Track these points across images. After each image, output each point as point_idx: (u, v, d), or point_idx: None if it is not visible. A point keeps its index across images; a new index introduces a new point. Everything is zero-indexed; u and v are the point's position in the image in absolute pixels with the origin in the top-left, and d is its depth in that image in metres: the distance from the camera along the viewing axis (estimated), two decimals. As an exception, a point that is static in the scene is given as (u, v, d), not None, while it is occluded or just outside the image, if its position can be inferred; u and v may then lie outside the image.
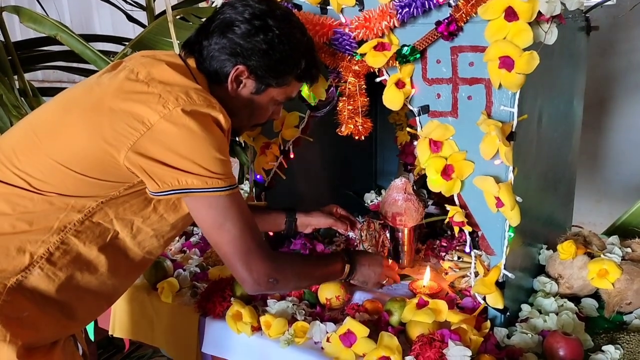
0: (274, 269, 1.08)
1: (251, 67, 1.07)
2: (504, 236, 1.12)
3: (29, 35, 2.23)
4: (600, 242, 1.38)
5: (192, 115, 0.96)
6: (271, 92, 1.13)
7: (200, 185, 0.98)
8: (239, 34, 1.05)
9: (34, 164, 1.01)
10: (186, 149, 0.97)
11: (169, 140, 0.96)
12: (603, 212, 2.57)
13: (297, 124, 1.37)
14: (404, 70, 1.15)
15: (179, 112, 0.95)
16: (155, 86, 0.99)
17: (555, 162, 1.40)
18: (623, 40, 2.47)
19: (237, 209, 1.03)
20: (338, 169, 1.83)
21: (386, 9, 1.12)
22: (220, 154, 0.99)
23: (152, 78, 1.00)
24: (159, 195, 1.01)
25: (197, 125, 0.96)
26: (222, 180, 1.00)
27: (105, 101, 0.99)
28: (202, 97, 0.99)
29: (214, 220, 1.03)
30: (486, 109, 1.09)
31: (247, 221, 1.05)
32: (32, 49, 2.19)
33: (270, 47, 1.06)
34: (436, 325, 1.14)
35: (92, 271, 1.07)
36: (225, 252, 1.06)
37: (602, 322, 1.23)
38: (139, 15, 2.49)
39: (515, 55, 1.01)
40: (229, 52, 1.06)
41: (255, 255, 1.06)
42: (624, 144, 2.59)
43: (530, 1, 0.98)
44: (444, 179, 1.13)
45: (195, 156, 0.97)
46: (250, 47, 1.05)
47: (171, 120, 0.95)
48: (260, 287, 1.09)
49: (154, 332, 1.44)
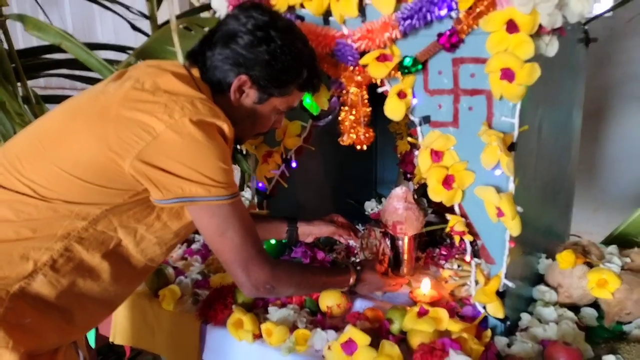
0: (271, 276, 1.11)
1: (254, 77, 1.09)
2: (504, 245, 1.13)
3: (31, 43, 2.24)
4: (599, 252, 1.39)
5: (198, 124, 0.97)
6: (273, 101, 1.15)
7: (204, 194, 1.00)
8: (242, 45, 1.07)
9: (38, 171, 1.02)
10: (191, 158, 0.98)
11: (174, 150, 0.97)
12: (600, 221, 2.58)
13: (299, 133, 1.39)
14: (405, 81, 1.17)
15: (184, 121, 0.97)
16: (160, 95, 1.00)
17: (555, 173, 1.42)
18: (619, 52, 2.50)
19: (239, 217, 1.05)
20: (338, 177, 1.84)
21: (388, 21, 1.13)
22: (223, 163, 1.01)
23: (158, 87, 1.02)
24: (163, 203, 1.02)
25: (202, 135, 0.97)
26: (225, 189, 1.01)
27: (111, 110, 1.00)
28: (207, 107, 1.01)
29: (216, 228, 1.05)
30: (487, 120, 1.11)
31: (248, 229, 1.07)
32: (36, 57, 2.20)
33: (272, 58, 1.08)
34: (437, 334, 1.14)
35: (95, 278, 1.08)
36: (226, 259, 1.08)
37: (602, 331, 1.24)
38: (141, 24, 2.50)
39: (517, 67, 1.02)
40: (232, 62, 1.08)
41: (255, 262, 1.08)
42: (620, 154, 2.62)
43: (532, 14, 1.00)
44: (445, 189, 1.15)
45: (199, 165, 0.99)
46: (253, 57, 1.07)
47: (177, 130, 0.97)
48: (258, 292, 1.12)
49: (155, 340, 1.44)
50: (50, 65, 2.24)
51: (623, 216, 1.66)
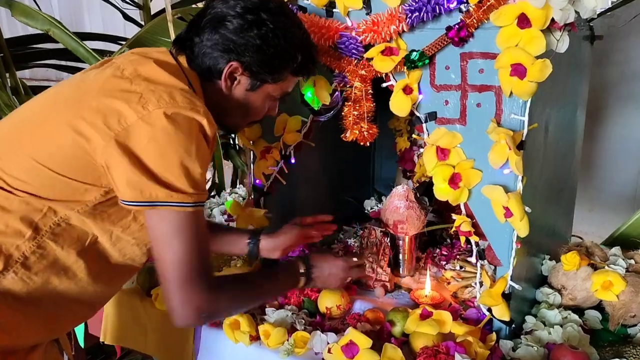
0: (209, 303, 0.96)
1: (245, 64, 1.02)
2: (511, 247, 1.10)
3: (17, 32, 2.17)
4: (603, 253, 1.37)
5: (173, 119, 0.90)
6: (267, 88, 1.08)
7: (165, 198, 0.90)
8: (232, 29, 1.00)
9: (13, 162, 0.96)
10: (158, 156, 0.90)
11: (140, 144, 0.90)
12: (595, 221, 2.58)
13: (299, 129, 1.34)
14: (411, 76, 1.13)
15: (158, 114, 0.89)
16: (138, 84, 0.93)
17: (559, 172, 1.39)
18: (617, 51, 2.49)
19: (193, 230, 0.94)
20: (335, 174, 1.80)
21: (395, 13, 1.10)
22: (195, 165, 0.92)
23: (138, 75, 0.95)
24: (125, 204, 0.93)
25: (176, 131, 0.90)
26: (190, 195, 0.92)
27: (88, 97, 0.94)
28: (186, 99, 0.93)
29: (162, 235, 0.94)
30: (496, 117, 1.07)
31: (199, 245, 0.95)
32: (24, 47, 2.13)
33: (264, 42, 1.01)
34: (440, 337, 1.11)
35: (71, 277, 1.02)
36: (163, 272, 0.95)
37: (606, 334, 1.22)
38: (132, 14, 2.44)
39: (528, 63, 0.99)
40: (221, 48, 1.01)
41: (193, 284, 0.94)
42: (616, 154, 2.61)
43: (544, 8, 0.97)
44: (451, 188, 1.11)
45: (166, 165, 0.90)
46: (244, 42, 1.00)
47: (149, 122, 0.89)
48: (189, 322, 0.99)
49: (147, 340, 1.40)
50: (38, 55, 2.17)
51: (618, 216, 1.64)
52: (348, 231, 1.75)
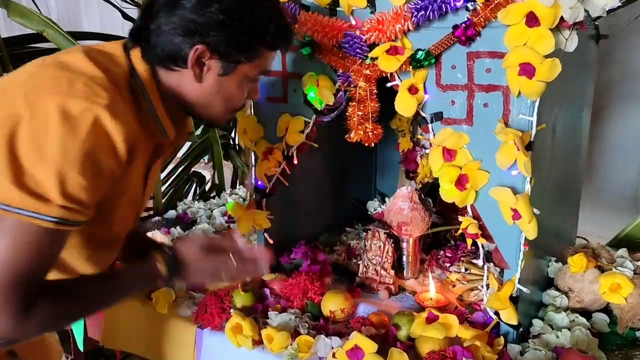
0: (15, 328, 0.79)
1: (212, 45, 0.90)
2: (519, 249, 1.08)
3: (14, 32, 2.15)
4: (609, 255, 1.35)
5: (62, 109, 0.78)
6: (242, 69, 0.95)
7: (19, 203, 0.77)
8: (189, 8, 0.88)
9: None
10: (32, 149, 0.78)
11: (20, 134, 0.78)
12: (596, 221, 2.56)
13: (302, 129, 1.32)
14: (417, 76, 1.11)
15: (47, 101, 0.79)
16: (46, 70, 0.85)
17: (567, 172, 1.38)
18: (620, 50, 2.48)
19: (32, 243, 0.79)
20: (338, 175, 1.78)
21: (400, 12, 1.08)
22: (74, 172, 0.79)
23: (54, 63, 0.86)
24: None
25: (61, 124, 0.78)
26: (54, 207, 0.78)
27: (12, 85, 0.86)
28: (87, 88, 0.81)
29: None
30: (503, 117, 1.06)
31: (31, 260, 0.79)
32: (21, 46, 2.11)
33: (227, 16, 0.89)
34: (447, 341, 1.09)
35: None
36: None
37: (615, 338, 1.20)
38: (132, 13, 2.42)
39: (537, 62, 0.97)
40: (181, 31, 0.89)
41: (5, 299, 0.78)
42: (617, 153, 2.60)
43: (553, 6, 0.95)
44: (458, 189, 1.09)
45: (37, 161, 0.77)
46: (205, 20, 0.88)
47: (34, 109, 0.78)
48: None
49: (148, 345, 1.37)
50: (35, 54, 2.14)
51: (619, 216, 1.63)
52: (351, 233, 1.73)
